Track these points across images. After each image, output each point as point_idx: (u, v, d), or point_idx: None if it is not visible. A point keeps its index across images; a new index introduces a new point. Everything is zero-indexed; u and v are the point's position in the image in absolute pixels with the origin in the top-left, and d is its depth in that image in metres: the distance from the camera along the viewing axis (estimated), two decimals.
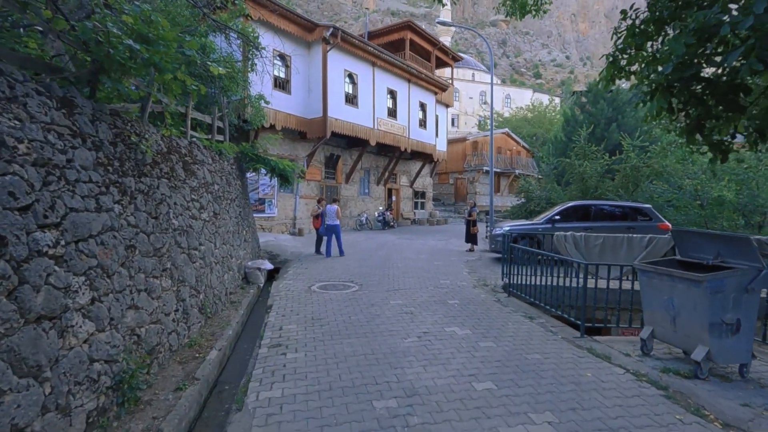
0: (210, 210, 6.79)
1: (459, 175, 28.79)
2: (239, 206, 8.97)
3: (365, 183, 20.17)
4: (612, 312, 5.42)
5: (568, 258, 5.62)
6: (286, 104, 14.81)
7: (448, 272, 8.85)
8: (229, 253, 7.54)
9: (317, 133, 15.57)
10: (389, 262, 10.13)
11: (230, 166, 8.87)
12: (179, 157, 6.06)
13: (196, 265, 5.74)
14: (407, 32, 20.77)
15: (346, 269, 9.19)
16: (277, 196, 15.44)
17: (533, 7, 8.85)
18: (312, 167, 16.80)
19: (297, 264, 9.90)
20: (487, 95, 44.55)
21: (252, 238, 9.80)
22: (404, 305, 6.22)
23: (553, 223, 9.49)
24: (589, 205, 9.60)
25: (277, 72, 14.72)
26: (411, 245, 13.40)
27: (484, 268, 9.48)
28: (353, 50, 16.20)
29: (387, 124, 18.54)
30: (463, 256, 11.28)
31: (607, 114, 16.89)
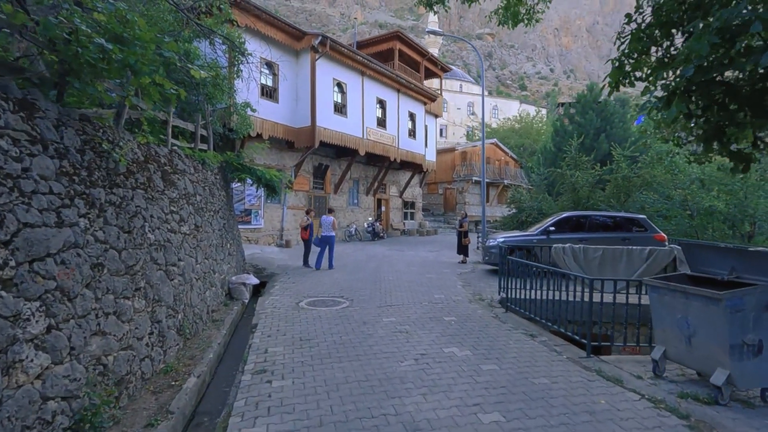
0: (191, 222, 6.39)
1: (448, 185, 28.71)
2: (223, 218, 8.56)
3: (354, 193, 19.86)
4: (614, 327, 5.18)
5: (571, 272, 5.36)
6: (273, 113, 14.48)
7: (442, 286, 8.55)
8: (211, 268, 7.12)
9: (305, 142, 15.25)
10: (380, 275, 9.78)
11: (214, 176, 8.48)
12: (158, 166, 5.67)
13: (175, 282, 5.32)
14: (396, 42, 20.72)
15: (335, 283, 8.81)
16: (263, 206, 15.01)
17: (525, 17, 8.76)
18: (300, 177, 16.44)
19: (284, 278, 9.49)
20: (475, 106, 44.93)
21: (237, 251, 9.36)
22: (398, 323, 5.88)
23: (547, 234, 9.29)
24: (584, 215, 9.44)
25: (265, 80, 14.42)
26: (402, 257, 13.08)
27: (479, 280, 9.21)
28: (342, 59, 16.01)
29: (376, 133, 18.33)
30: (456, 268, 11.00)
31: (596, 124, 17.00)
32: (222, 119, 11.45)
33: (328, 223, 10.60)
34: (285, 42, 14.51)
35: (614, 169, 12.36)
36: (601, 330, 5.98)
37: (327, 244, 10.52)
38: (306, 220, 10.81)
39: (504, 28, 25.32)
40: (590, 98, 18.01)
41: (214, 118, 10.22)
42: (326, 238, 10.50)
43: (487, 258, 9.85)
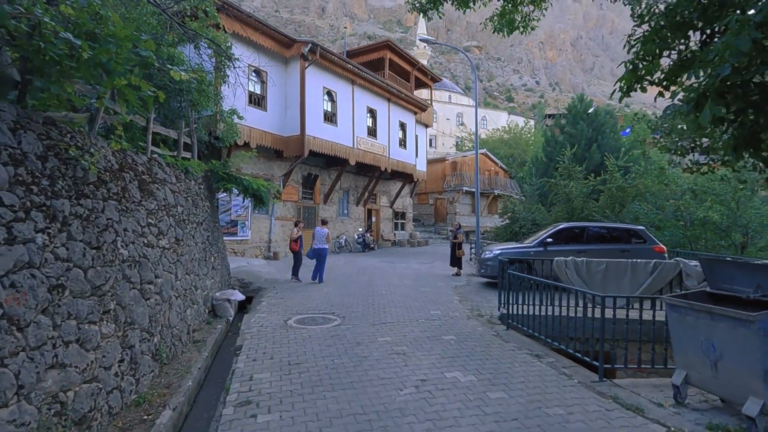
0: (171, 236, 5.94)
1: (439, 196, 28.53)
2: (207, 230, 8.10)
3: (344, 203, 19.48)
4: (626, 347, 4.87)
5: (578, 289, 5.06)
6: (261, 121, 14.10)
7: (438, 300, 8.19)
8: (193, 285, 6.65)
9: (294, 151, 14.88)
10: (372, 289, 9.38)
11: (198, 185, 8.04)
12: (135, 175, 5.24)
13: (151, 301, 4.86)
14: (386, 52, 20.60)
15: (325, 298, 8.38)
16: (250, 217, 14.52)
17: (521, 24, 8.61)
18: (289, 187, 16.01)
19: (272, 293, 9.02)
20: (464, 116, 45.18)
21: (221, 265, 8.88)
22: (394, 343, 5.49)
23: (545, 245, 9.04)
24: (582, 227, 9.22)
25: (253, 88, 14.06)
26: (394, 269, 12.70)
27: (475, 294, 8.87)
28: (332, 68, 15.76)
29: (367, 143, 18.05)
30: (450, 281, 10.66)
31: (587, 134, 17.01)
32: (207, 127, 11.03)
33: (322, 235, 10.28)
34: (274, 49, 14.21)
35: (608, 179, 12.25)
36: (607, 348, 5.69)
37: (318, 256, 10.16)
38: (296, 232, 10.41)
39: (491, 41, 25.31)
40: (581, 109, 18.08)
41: (199, 125, 9.81)
42: (319, 250, 10.16)
43: (483, 271, 9.54)
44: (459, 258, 11.36)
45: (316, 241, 10.25)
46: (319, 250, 10.14)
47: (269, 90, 14.50)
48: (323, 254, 10.15)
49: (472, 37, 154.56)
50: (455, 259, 11.39)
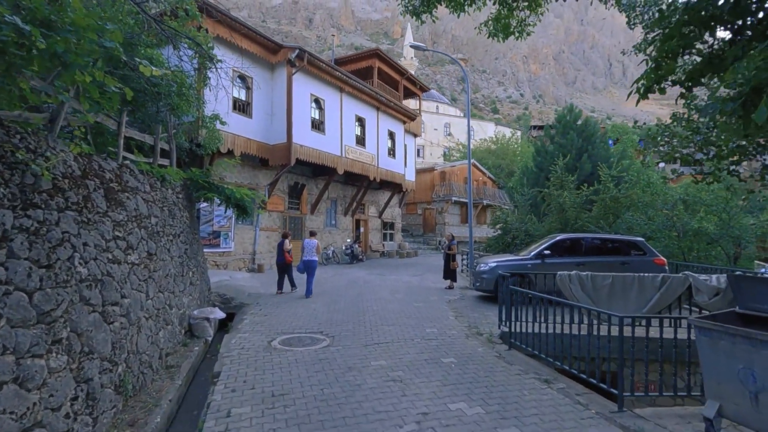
0: (142, 249, 5.37)
1: (427, 206, 28.24)
2: (185, 242, 7.52)
3: (332, 214, 18.97)
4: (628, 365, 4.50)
5: (590, 307, 4.67)
6: (246, 128, 13.59)
7: (433, 317, 7.73)
8: (167, 303, 6.06)
9: (280, 160, 14.37)
10: (363, 304, 8.88)
11: (176, 195, 7.48)
12: (101, 182, 4.70)
13: (115, 325, 4.29)
14: (375, 60, 20.37)
15: (313, 315, 7.85)
16: (234, 228, 13.90)
17: (517, 29, 8.37)
18: (274, 197, 15.46)
19: (255, 309, 8.44)
20: (451, 127, 45.30)
21: (201, 280, 8.28)
22: (390, 368, 5.00)
23: (542, 258, 8.70)
24: (580, 238, 8.93)
25: (237, 93, 13.56)
26: (384, 282, 12.22)
27: (471, 310, 8.45)
28: (320, 74, 15.40)
29: (355, 152, 17.65)
30: (444, 294, 10.23)
31: (578, 144, 16.97)
32: (189, 134, 10.48)
33: (311, 246, 9.98)
34: (260, 55, 13.77)
35: (601, 189, 12.09)
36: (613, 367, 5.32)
37: (310, 268, 9.80)
38: (288, 244, 10.13)
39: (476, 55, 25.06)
40: (570, 119, 18.08)
41: (179, 131, 9.27)
42: (308, 262, 9.81)
43: (479, 284, 9.14)
44: (453, 270, 10.95)
45: (306, 252, 9.94)
46: (308, 262, 9.80)
47: (254, 96, 14.02)
48: (313, 266, 9.81)
49: (457, 50, 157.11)
50: (449, 271, 10.98)
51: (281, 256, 10.08)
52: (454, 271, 11.03)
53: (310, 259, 9.81)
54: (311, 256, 9.85)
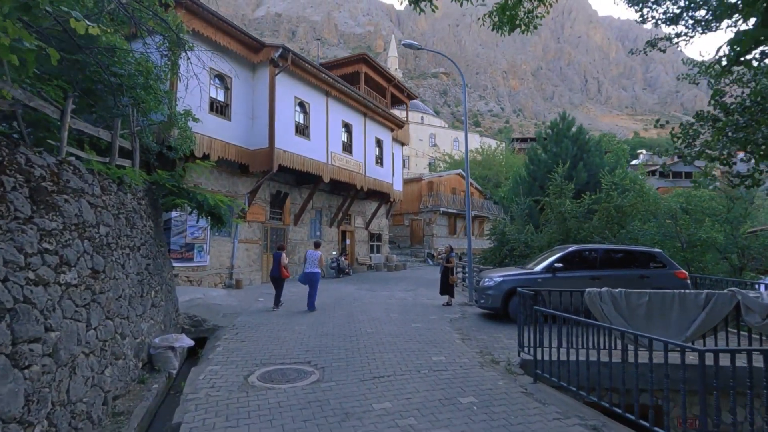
0: (84, 266, 4.27)
1: (415, 217, 27.43)
2: (147, 256, 6.39)
3: (316, 225, 17.89)
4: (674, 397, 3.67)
5: (637, 333, 3.81)
6: (224, 131, 12.51)
7: (436, 340, 6.76)
8: (119, 331, 4.92)
9: (262, 166, 13.30)
10: (355, 325, 7.85)
11: (136, 200, 6.37)
12: (24, 180, 3.62)
13: (34, 370, 3.18)
14: (362, 65, 19.68)
15: (298, 339, 6.78)
16: (209, 240, 12.69)
17: (523, 21, 7.67)
18: (255, 206, 14.33)
19: (231, 333, 7.31)
20: (437, 137, 44.97)
21: (166, 300, 7.10)
22: (397, 412, 4.01)
23: (553, 271, 7.89)
24: (593, 249, 8.17)
25: (215, 94, 12.50)
26: (375, 299, 11.20)
27: (478, 330, 7.51)
28: (305, 76, 14.50)
29: (342, 159, 16.72)
30: (443, 312, 9.28)
31: (572, 152, 16.49)
32: (158, 135, 9.37)
33: (314, 258, 9.59)
34: (241, 53, 12.80)
35: (602, 198, 11.48)
36: (655, 401, 4.47)
37: (310, 282, 9.48)
38: (285, 257, 9.82)
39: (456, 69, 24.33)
40: (563, 127, 17.65)
41: (145, 129, 8.18)
42: (310, 275, 9.47)
43: (483, 301, 8.25)
44: (451, 285, 10.04)
45: (308, 264, 9.58)
46: (311, 275, 9.45)
47: (234, 97, 12.99)
48: (315, 279, 9.48)
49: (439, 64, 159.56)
50: (447, 287, 10.06)
51: (277, 270, 9.61)
52: (452, 287, 10.12)
53: (312, 271, 9.44)
54: (313, 268, 9.46)
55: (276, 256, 9.78)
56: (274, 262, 9.81)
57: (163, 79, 8.30)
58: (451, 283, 10.03)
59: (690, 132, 6.68)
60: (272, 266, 9.86)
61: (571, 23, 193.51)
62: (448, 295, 10.11)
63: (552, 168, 16.91)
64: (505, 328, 7.63)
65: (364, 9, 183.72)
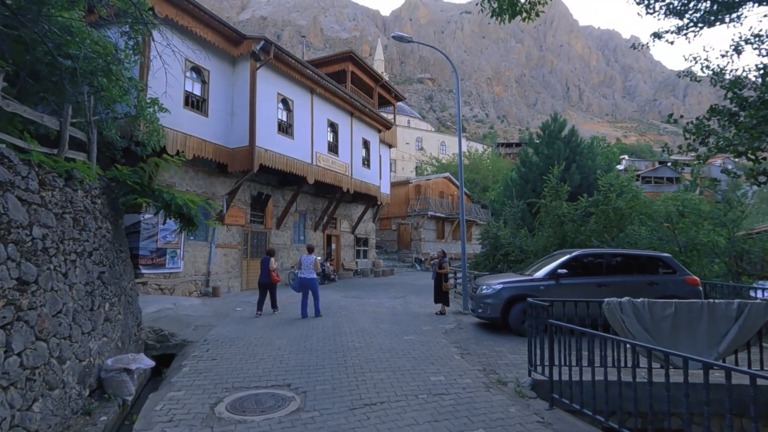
0: (5, 276, 3.44)
1: (402, 221, 26.78)
2: (102, 263, 5.53)
3: (300, 229, 17.05)
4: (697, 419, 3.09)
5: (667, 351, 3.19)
6: (201, 128, 11.64)
7: (433, 356, 6.07)
8: (56, 354, 4.08)
9: (242, 165, 12.45)
10: (341, 338, 7.10)
11: (90, 199, 5.52)
12: None
13: None
14: (349, 64, 19.01)
15: (278, 356, 6.00)
16: (184, 245, 11.75)
17: (524, 7, 7.16)
18: (234, 208, 13.44)
19: (201, 349, 6.47)
20: (423, 141, 44.59)
21: (126, 313, 6.23)
22: None
23: (557, 278, 7.30)
24: (599, 254, 7.62)
25: (191, 87, 11.63)
26: (363, 307, 10.46)
27: (477, 344, 6.84)
28: (288, 71, 13.73)
29: (327, 160, 15.97)
30: (437, 322, 8.60)
31: (565, 154, 16.11)
32: (125, 129, 8.48)
33: (309, 263, 9.10)
34: (219, 45, 11.97)
35: (600, 200, 11.02)
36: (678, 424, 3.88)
37: (308, 288, 9.04)
38: (274, 262, 9.52)
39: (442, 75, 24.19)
40: (555, 128, 17.30)
41: (108, 121, 7.32)
42: (306, 281, 9.01)
43: (481, 311, 7.60)
44: (446, 292, 9.38)
45: (303, 270, 9.09)
46: (307, 281, 8.99)
47: (212, 92, 12.14)
48: (314, 285, 9.05)
49: (425, 70, 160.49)
50: (441, 294, 9.39)
51: (265, 275, 9.34)
52: (446, 294, 9.46)
53: (307, 276, 8.98)
54: (309, 274, 9.01)
55: (264, 261, 9.47)
56: (262, 268, 9.47)
57: (127, 66, 7.47)
58: (444, 291, 9.37)
59: (704, 127, 6.22)
60: (261, 272, 9.49)
61: (553, 32, 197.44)
62: (442, 303, 9.44)
63: (544, 170, 16.51)
64: (507, 340, 6.99)
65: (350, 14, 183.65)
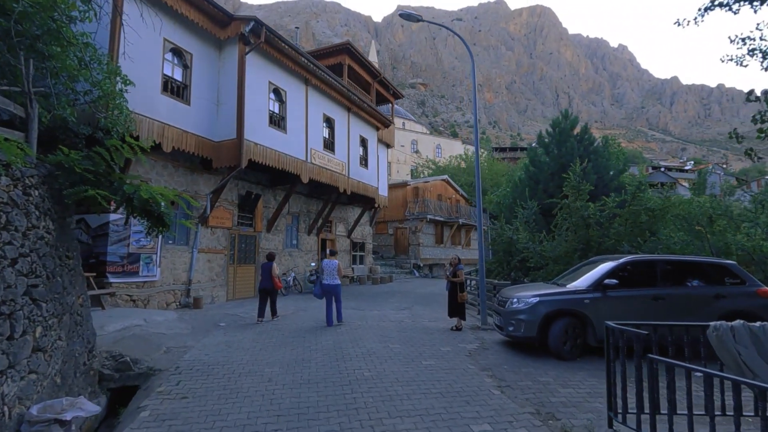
0: None
1: (399, 225, 25.53)
2: (35, 273, 4.17)
3: (293, 232, 15.71)
4: None
5: None
6: (182, 117, 10.29)
7: (465, 390, 4.80)
8: None
9: (228, 161, 11.11)
10: (346, 364, 5.80)
11: (21, 189, 4.18)
12: None
13: None
14: (345, 57, 17.83)
15: (268, 392, 4.69)
16: (161, 250, 10.35)
17: None
18: (220, 209, 12.07)
19: (171, 381, 5.12)
20: (418, 144, 43.53)
21: (70, 338, 4.84)
22: None
23: (603, 289, 6.11)
24: (652, 261, 6.46)
25: (171, 71, 10.30)
26: (366, 321, 9.17)
27: (513, 370, 5.59)
28: (282, 59, 12.47)
29: (323, 158, 14.70)
30: (455, 340, 7.34)
31: (578, 152, 15.06)
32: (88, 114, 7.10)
33: (332, 268, 8.67)
34: (204, 26, 10.68)
35: (628, 200, 9.92)
36: None
37: (332, 295, 8.55)
38: (276, 268, 9.19)
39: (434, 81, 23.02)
40: (567, 126, 16.26)
41: (62, 100, 5.98)
42: (330, 287, 8.51)
43: (513, 329, 6.35)
44: (461, 304, 8.14)
45: (326, 275, 8.61)
46: (330, 287, 8.51)
47: (195, 78, 10.82)
48: (338, 291, 8.61)
49: (416, 75, 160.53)
50: (456, 307, 8.14)
51: (267, 281, 8.99)
52: (462, 307, 8.22)
53: (332, 283, 8.52)
54: (333, 280, 8.55)
55: (267, 266, 9.11)
56: (263, 273, 9.13)
57: (87, 33, 6.13)
58: (460, 302, 8.13)
59: None
60: (262, 278, 9.15)
61: (543, 40, 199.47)
62: (458, 317, 8.20)
63: (555, 170, 15.44)
64: (549, 366, 5.76)
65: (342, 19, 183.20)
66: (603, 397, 4.41)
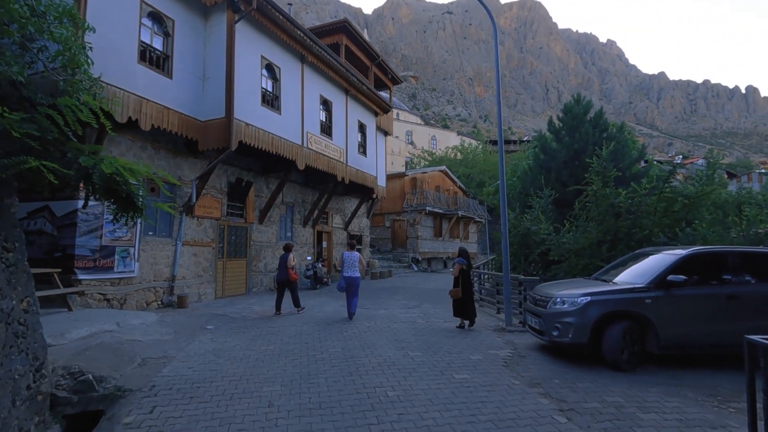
0: None
1: (397, 217, 24.48)
2: None
3: (287, 223, 14.55)
4: None
5: None
6: (162, 92, 9.05)
7: (520, 417, 3.80)
8: None
9: (216, 143, 9.91)
10: (362, 379, 4.75)
11: None
12: None
13: None
14: (342, 36, 16.60)
15: (267, 424, 3.63)
16: (140, 242, 9.14)
17: None
18: (207, 197, 10.86)
19: (143, 406, 4.03)
20: (413, 135, 42.43)
21: (9, 354, 3.70)
22: None
23: (667, 287, 5.16)
24: (721, 253, 5.53)
25: (149, 39, 9.03)
26: (373, 321, 8.15)
27: (568, 386, 4.60)
28: (275, 31, 11.24)
29: (320, 143, 13.54)
30: (484, 347, 6.33)
31: (594, 138, 14.17)
32: (49, 82, 5.85)
33: (353, 260, 8.54)
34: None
35: (660, 186, 9.04)
36: None
37: (354, 287, 8.39)
38: (293, 259, 9.10)
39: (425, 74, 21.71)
40: (580, 110, 15.33)
41: (8, 56, 4.74)
42: (351, 279, 8.38)
43: (558, 333, 5.37)
44: (469, 302, 7.18)
45: (347, 267, 8.46)
46: (351, 279, 8.38)
47: (178, 48, 9.56)
48: (357, 284, 8.47)
49: (407, 68, 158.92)
50: (468, 305, 7.16)
51: (284, 272, 8.88)
52: (471, 304, 7.28)
53: (353, 275, 8.41)
54: (353, 272, 8.42)
55: (283, 257, 9.02)
56: (280, 265, 9.05)
57: None
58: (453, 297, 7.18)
59: None
60: (278, 270, 9.09)
61: (533, 34, 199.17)
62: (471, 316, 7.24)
63: (568, 158, 14.53)
64: (609, 380, 4.78)
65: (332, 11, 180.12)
66: (701, 428, 3.46)
